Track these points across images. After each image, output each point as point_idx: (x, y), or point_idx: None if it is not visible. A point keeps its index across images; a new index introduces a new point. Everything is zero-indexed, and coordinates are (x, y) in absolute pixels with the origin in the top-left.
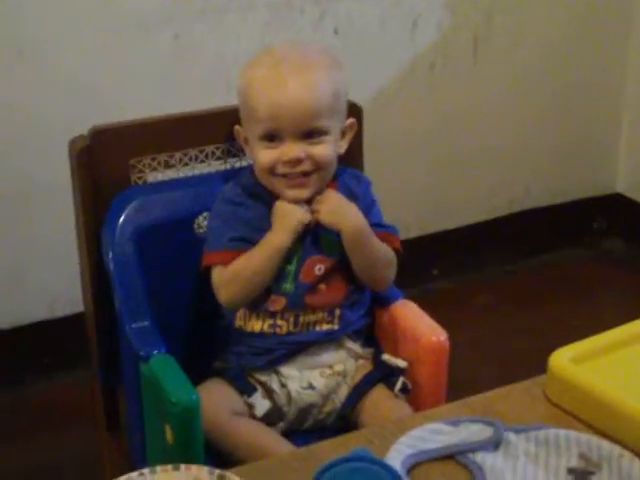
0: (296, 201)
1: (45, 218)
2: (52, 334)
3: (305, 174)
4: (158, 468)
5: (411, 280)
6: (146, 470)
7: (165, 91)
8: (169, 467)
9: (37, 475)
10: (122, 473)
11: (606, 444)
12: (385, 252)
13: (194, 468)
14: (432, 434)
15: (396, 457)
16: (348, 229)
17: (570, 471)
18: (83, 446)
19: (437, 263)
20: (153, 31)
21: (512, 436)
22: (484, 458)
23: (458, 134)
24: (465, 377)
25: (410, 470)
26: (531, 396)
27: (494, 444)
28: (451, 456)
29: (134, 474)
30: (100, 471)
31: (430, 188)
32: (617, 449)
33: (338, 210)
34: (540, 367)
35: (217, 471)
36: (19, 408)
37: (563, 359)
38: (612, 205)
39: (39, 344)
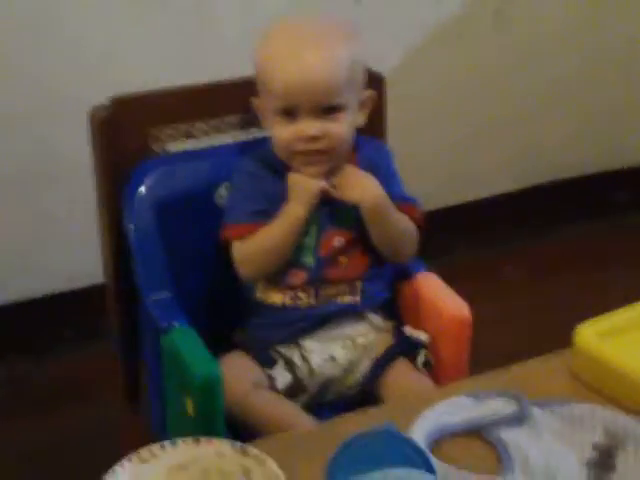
0: (313, 177)
1: (62, 191)
2: (71, 307)
3: (320, 152)
4: (179, 441)
5: (432, 252)
6: (167, 443)
7: (187, 61)
8: (190, 440)
9: (55, 447)
10: (142, 446)
11: (631, 420)
12: (405, 225)
13: (215, 441)
14: (456, 408)
15: (419, 431)
16: (367, 203)
17: (595, 447)
18: (102, 419)
19: (458, 235)
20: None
21: (536, 411)
22: (508, 433)
23: (480, 105)
24: (487, 351)
25: (433, 444)
26: (555, 370)
27: (519, 419)
28: (475, 431)
29: (155, 446)
30: (119, 444)
31: (451, 160)
32: None
33: (356, 184)
34: (564, 340)
35: (238, 444)
36: (38, 381)
37: (588, 334)
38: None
39: (58, 316)
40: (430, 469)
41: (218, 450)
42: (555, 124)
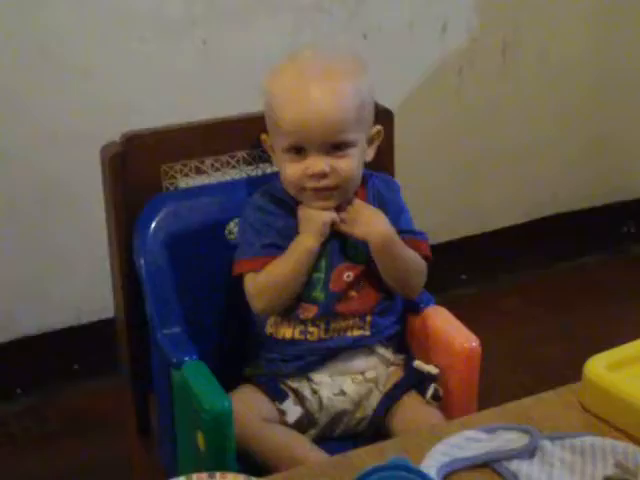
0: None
1: (71, 225)
2: (80, 341)
3: (330, 188)
4: (194, 476)
5: (439, 285)
6: (182, 478)
7: (194, 97)
8: (204, 475)
9: None
10: (152, 479)
11: None
12: (414, 260)
13: (229, 476)
14: (468, 442)
15: (432, 465)
16: (376, 239)
17: (607, 479)
18: (112, 452)
19: (465, 268)
20: (181, 36)
21: (548, 444)
22: (520, 466)
23: (486, 138)
24: (494, 383)
25: (446, 478)
26: (565, 403)
27: (530, 452)
28: (487, 464)
29: None
30: (129, 477)
31: (458, 192)
32: None
33: (364, 220)
34: (570, 373)
35: (253, 479)
36: (48, 414)
37: (598, 366)
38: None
39: (67, 350)
40: None
41: None
42: (560, 156)
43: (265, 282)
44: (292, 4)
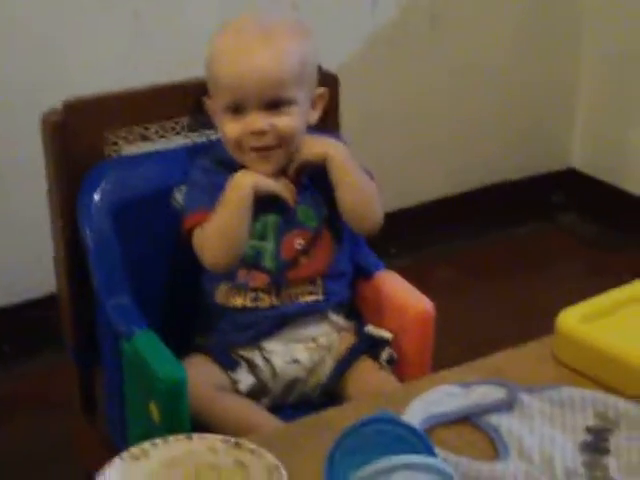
0: (265, 175)
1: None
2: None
3: (269, 148)
4: (171, 438)
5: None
6: (159, 440)
7: (127, 67)
8: (182, 436)
9: (8, 464)
10: (100, 457)
11: (622, 401)
12: (369, 182)
13: (208, 437)
14: (445, 397)
15: (410, 421)
16: (336, 151)
17: (589, 430)
18: (56, 431)
19: (395, 241)
20: (112, 9)
21: (525, 397)
22: (499, 420)
23: (417, 114)
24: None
25: (426, 433)
26: (538, 357)
27: (508, 405)
28: (466, 418)
29: (147, 443)
30: (74, 457)
31: (389, 165)
32: (633, 406)
33: (322, 141)
34: (509, 338)
35: (232, 439)
36: None
37: (572, 319)
38: (568, 180)
39: None
40: (432, 453)
41: (211, 445)
42: (491, 131)
43: (210, 232)
44: None
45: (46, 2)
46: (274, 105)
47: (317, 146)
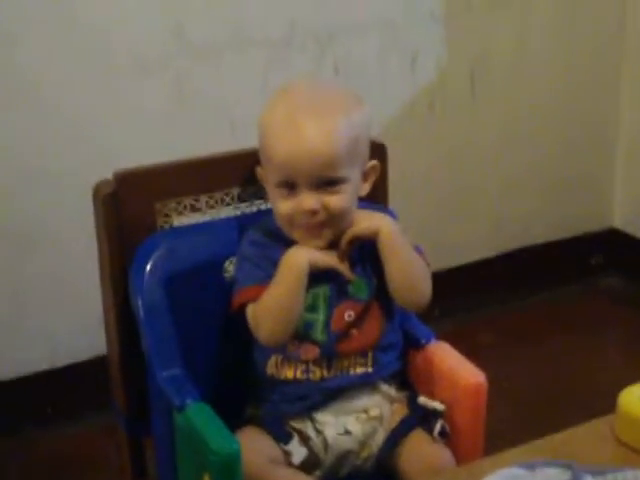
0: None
1: (45, 265)
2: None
3: (320, 225)
4: None
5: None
6: None
7: (168, 135)
8: None
9: None
10: None
11: None
12: (420, 261)
13: None
14: (509, 479)
15: None
16: (387, 229)
17: None
18: None
19: (438, 303)
20: (154, 73)
21: (589, 479)
22: None
23: (457, 172)
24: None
25: None
26: (600, 436)
27: None
28: None
29: None
30: None
31: (429, 227)
32: None
33: (374, 217)
34: (559, 403)
35: None
36: (29, 460)
37: (633, 397)
38: (609, 241)
39: (41, 394)
40: None
41: None
42: (530, 190)
43: (265, 309)
44: (263, 40)
45: (86, 69)
46: (327, 183)
47: (369, 222)
